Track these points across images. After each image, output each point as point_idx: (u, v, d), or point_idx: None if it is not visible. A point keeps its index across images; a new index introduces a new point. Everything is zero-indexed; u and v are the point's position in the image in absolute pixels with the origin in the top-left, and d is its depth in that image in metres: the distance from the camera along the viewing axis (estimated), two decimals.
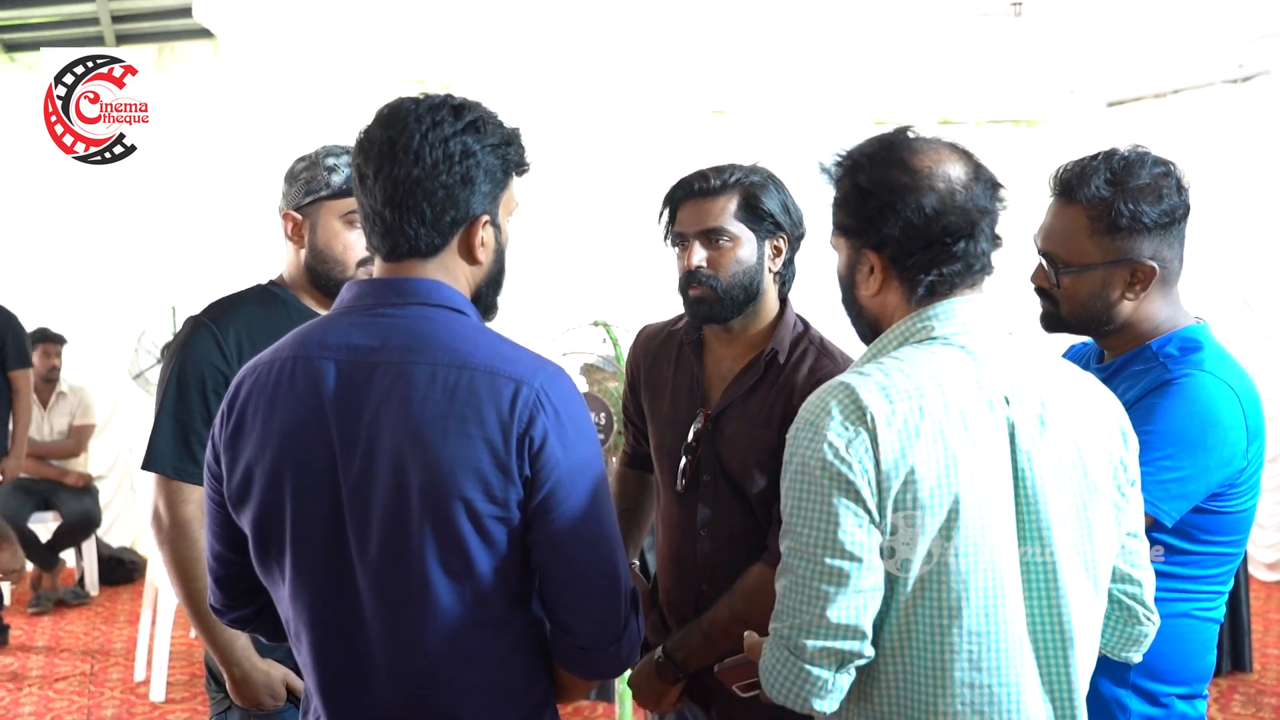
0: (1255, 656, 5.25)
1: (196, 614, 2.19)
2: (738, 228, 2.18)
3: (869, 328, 1.67)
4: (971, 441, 1.49)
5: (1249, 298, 6.76)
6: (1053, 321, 2.03)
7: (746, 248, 2.19)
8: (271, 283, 2.36)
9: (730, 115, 8.08)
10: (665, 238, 2.28)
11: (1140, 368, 1.96)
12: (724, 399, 2.23)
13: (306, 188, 2.25)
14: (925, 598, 1.48)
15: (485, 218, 1.57)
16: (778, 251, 2.22)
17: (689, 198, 2.22)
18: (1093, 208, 1.91)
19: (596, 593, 1.56)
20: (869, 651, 1.50)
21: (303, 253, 2.28)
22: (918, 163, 1.57)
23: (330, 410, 1.51)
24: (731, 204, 2.18)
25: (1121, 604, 1.68)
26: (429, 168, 1.50)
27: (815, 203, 2.19)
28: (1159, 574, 1.81)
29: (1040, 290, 2.02)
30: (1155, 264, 1.92)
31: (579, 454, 1.51)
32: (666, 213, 2.26)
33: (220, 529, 1.65)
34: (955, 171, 1.57)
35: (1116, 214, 1.89)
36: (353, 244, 2.24)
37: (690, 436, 2.25)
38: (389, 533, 1.49)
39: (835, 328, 2.67)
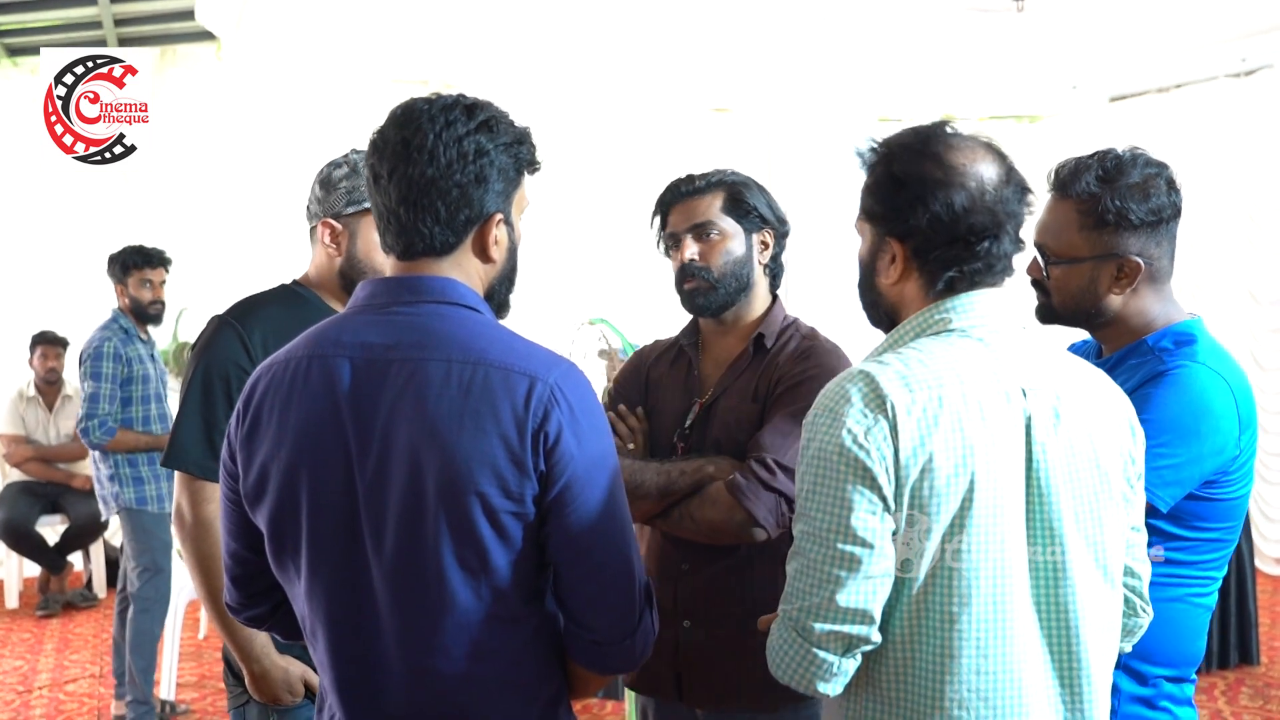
0: (1263, 649, 5.26)
1: (217, 611, 2.19)
2: (726, 221, 2.32)
3: (884, 314, 1.68)
4: (989, 432, 1.50)
5: (1254, 291, 6.76)
6: (1046, 313, 2.10)
7: (735, 240, 2.32)
8: (295, 282, 2.36)
9: (733, 113, 8.09)
10: (658, 243, 2.41)
11: (1136, 361, 2.02)
12: (719, 386, 2.33)
13: (349, 197, 2.24)
14: (937, 585, 1.50)
15: (499, 216, 1.58)
16: (765, 245, 2.36)
17: (677, 200, 2.36)
18: (1082, 203, 1.98)
19: (611, 587, 1.56)
20: (876, 637, 1.52)
21: (338, 260, 2.28)
22: (952, 159, 1.58)
23: (345, 408, 1.52)
24: (718, 201, 2.33)
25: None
26: (443, 167, 1.51)
27: (820, 198, 2.22)
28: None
29: (1035, 282, 2.09)
30: (1141, 260, 1.97)
31: (593, 449, 1.52)
32: (658, 220, 2.39)
33: (236, 527, 1.66)
34: (988, 172, 1.58)
35: (1104, 210, 1.96)
36: None
37: (686, 423, 2.33)
38: (405, 529, 1.49)
39: (833, 322, 2.71)
